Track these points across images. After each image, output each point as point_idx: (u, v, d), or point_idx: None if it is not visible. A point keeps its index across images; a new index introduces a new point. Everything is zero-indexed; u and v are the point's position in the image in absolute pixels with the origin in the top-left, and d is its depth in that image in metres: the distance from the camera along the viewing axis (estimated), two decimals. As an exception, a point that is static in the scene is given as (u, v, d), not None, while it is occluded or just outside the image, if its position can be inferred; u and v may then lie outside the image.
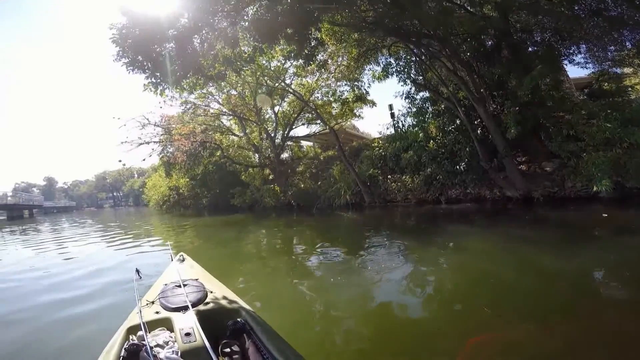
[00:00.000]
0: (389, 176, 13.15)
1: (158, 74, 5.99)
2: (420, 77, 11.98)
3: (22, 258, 7.60)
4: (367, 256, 5.31)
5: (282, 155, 19.94)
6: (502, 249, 5.22)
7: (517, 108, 9.00)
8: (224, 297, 2.22)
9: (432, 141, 11.59)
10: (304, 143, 23.41)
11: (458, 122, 10.91)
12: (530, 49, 10.31)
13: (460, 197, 10.74)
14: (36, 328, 3.15)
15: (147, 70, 5.87)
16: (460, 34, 10.02)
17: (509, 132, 8.81)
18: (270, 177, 19.63)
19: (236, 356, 1.65)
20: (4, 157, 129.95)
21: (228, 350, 1.66)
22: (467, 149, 10.24)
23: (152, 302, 2.07)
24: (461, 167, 10.21)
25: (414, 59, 11.98)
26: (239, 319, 1.88)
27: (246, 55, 7.63)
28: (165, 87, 6.27)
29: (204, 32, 6.69)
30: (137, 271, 2.49)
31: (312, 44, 8.12)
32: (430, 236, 6.66)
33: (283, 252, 6.69)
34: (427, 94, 12.40)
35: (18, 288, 4.71)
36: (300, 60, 9.17)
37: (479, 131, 10.17)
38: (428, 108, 12.14)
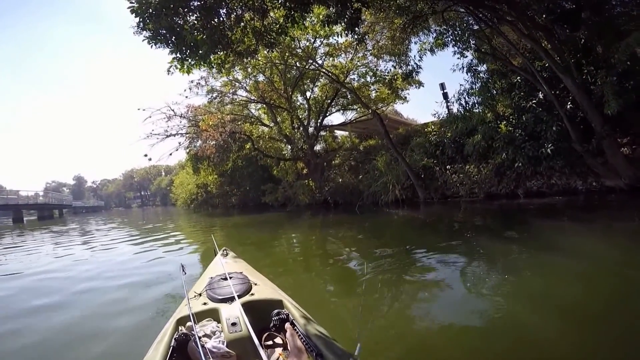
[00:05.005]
0: (448, 166, 11.74)
1: (184, 48, 5.37)
2: (486, 46, 10.60)
3: (73, 261, 7.24)
4: (431, 264, 4.51)
5: (315, 147, 19.05)
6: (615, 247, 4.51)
7: (615, 78, 7.73)
8: (268, 289, 2.31)
9: (504, 121, 10.19)
10: (339, 133, 22.51)
11: (541, 95, 9.46)
12: (617, 9, 8.94)
13: (543, 189, 9.29)
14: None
15: (170, 45, 5.26)
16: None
17: (607, 106, 7.47)
18: (304, 171, 18.90)
19: (279, 347, 1.72)
20: (37, 156, 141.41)
21: (271, 342, 1.76)
22: (554, 128, 8.79)
23: (200, 294, 2.19)
24: (547, 150, 8.72)
25: (471, 25, 10.71)
26: (282, 310, 1.97)
27: (277, 26, 6.94)
28: (192, 63, 5.64)
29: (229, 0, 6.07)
30: (182, 267, 2.63)
31: (354, 7, 7.21)
32: (513, 236, 5.81)
33: (325, 259, 5.82)
34: (492, 66, 11.04)
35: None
36: (340, 27, 8.17)
37: (568, 106, 8.73)
38: (495, 82, 10.75)
